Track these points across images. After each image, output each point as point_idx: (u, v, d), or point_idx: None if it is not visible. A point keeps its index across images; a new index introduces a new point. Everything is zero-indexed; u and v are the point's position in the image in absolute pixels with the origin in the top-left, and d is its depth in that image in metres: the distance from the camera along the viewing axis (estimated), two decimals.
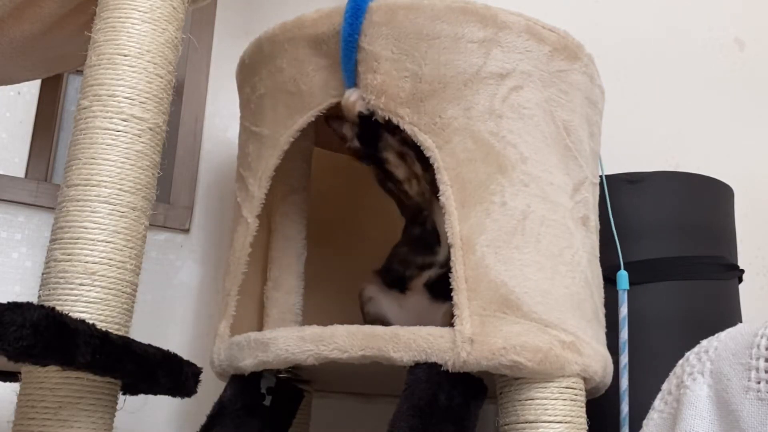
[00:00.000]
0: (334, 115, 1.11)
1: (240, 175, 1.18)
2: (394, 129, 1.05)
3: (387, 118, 1.03)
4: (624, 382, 1.18)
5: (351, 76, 1.04)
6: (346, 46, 1.03)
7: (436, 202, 1.01)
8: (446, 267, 1.04)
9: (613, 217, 1.27)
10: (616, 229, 1.27)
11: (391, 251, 1.22)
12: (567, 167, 1.06)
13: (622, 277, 1.24)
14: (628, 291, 1.25)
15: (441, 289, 0.99)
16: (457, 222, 0.97)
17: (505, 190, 0.99)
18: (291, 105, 1.10)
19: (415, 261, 1.15)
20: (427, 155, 1.00)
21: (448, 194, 0.98)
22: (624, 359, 1.19)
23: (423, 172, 1.09)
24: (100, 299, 0.88)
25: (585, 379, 0.99)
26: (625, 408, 1.18)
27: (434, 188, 1.00)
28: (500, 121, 1.02)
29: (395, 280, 1.17)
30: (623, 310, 1.22)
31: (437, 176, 0.99)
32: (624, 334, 1.21)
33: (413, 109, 1.01)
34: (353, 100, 1.04)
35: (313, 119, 1.08)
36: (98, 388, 0.87)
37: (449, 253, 1.02)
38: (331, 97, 1.07)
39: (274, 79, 1.13)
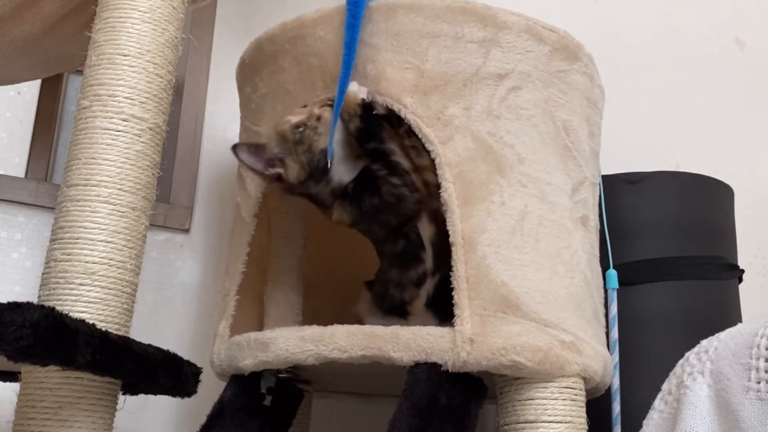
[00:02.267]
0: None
1: (240, 175, 1.18)
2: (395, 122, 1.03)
3: (388, 108, 1.01)
4: (615, 382, 1.18)
5: (349, 67, 1.01)
6: (349, 38, 1.01)
7: (430, 199, 1.01)
8: (437, 273, 1.03)
9: (613, 217, 1.27)
10: (615, 229, 1.27)
11: (378, 278, 1.14)
12: (566, 167, 1.06)
13: (612, 276, 1.24)
14: (629, 291, 1.26)
15: (445, 309, 0.95)
16: (459, 220, 0.96)
17: (504, 190, 0.99)
18: (286, 104, 1.10)
19: (411, 278, 1.07)
20: (429, 149, 0.99)
21: (450, 191, 0.97)
22: (615, 358, 1.19)
23: (431, 163, 1.01)
24: (100, 299, 0.88)
25: (585, 379, 0.98)
26: (616, 407, 1.18)
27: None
28: (498, 121, 1.01)
29: (394, 306, 1.10)
30: (613, 309, 1.22)
31: (439, 172, 0.98)
32: (614, 333, 1.20)
33: (417, 100, 1.01)
34: (354, 89, 1.01)
35: None
36: (98, 388, 0.87)
37: (434, 255, 1.02)
38: (316, 97, 1.07)
39: (276, 78, 1.13)
